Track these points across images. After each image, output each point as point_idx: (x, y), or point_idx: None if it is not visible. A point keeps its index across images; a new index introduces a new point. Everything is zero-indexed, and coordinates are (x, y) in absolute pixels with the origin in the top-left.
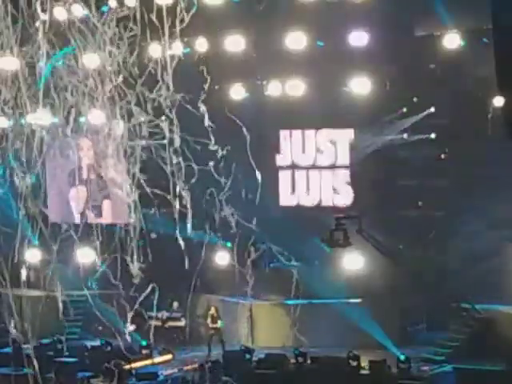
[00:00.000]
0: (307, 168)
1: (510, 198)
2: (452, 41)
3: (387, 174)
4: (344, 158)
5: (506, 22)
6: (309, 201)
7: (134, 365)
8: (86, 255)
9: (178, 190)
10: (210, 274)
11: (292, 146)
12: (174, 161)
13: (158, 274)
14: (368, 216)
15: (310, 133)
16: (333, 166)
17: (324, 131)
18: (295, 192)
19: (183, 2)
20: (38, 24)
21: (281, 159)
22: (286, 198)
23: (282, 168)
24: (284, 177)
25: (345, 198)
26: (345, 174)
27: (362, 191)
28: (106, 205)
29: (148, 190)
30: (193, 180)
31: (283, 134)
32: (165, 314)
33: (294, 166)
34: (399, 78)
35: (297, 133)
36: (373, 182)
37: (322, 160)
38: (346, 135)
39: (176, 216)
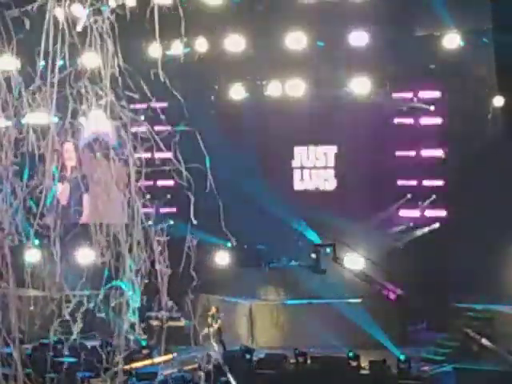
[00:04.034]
0: (310, 168)
1: (510, 197)
2: (452, 41)
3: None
4: (331, 162)
5: (506, 22)
6: (311, 187)
7: (133, 365)
8: (86, 255)
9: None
10: (210, 274)
11: (301, 155)
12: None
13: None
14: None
15: (312, 147)
16: (325, 167)
17: (319, 147)
18: (303, 181)
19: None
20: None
21: (294, 163)
22: (298, 185)
23: (295, 168)
24: (296, 173)
25: (331, 185)
26: (331, 172)
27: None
28: (87, 202)
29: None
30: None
31: (296, 149)
32: (165, 314)
33: (302, 167)
34: (399, 77)
35: (305, 148)
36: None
37: (319, 163)
38: (332, 149)
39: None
